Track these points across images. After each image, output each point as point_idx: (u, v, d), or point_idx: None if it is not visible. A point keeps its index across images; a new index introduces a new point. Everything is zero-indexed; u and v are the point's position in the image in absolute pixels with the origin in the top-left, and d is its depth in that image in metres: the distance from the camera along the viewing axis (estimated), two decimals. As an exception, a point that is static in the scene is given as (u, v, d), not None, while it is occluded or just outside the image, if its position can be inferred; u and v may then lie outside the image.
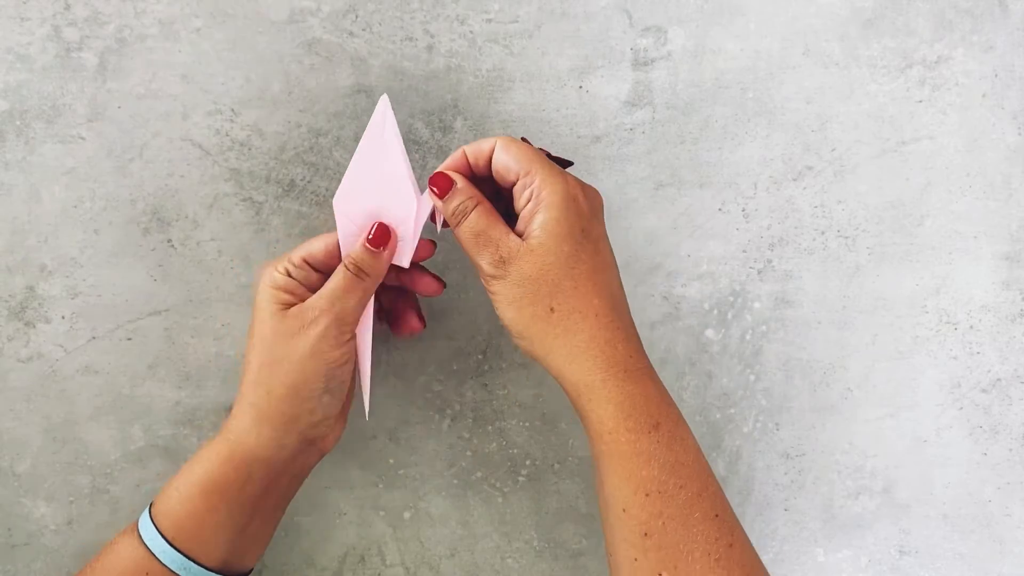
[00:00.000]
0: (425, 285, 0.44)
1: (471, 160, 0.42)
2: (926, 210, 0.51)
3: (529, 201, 0.40)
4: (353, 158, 0.43)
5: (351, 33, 0.48)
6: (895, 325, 0.51)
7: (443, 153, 0.49)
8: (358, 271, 0.41)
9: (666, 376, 0.51)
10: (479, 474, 0.51)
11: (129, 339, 0.48)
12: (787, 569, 0.52)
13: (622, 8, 0.49)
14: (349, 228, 0.42)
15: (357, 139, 0.48)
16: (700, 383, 0.51)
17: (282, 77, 0.48)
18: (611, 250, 0.42)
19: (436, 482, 0.50)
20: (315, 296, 0.41)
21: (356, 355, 0.43)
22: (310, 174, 0.48)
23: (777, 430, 0.51)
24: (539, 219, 0.39)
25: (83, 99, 0.47)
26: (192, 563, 0.40)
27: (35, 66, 0.47)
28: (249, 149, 0.48)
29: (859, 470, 0.52)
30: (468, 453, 0.50)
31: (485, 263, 0.40)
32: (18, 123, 0.47)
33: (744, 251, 0.50)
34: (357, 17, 0.48)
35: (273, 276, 0.41)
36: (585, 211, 0.40)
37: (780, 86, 0.50)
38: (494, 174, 0.42)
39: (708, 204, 0.50)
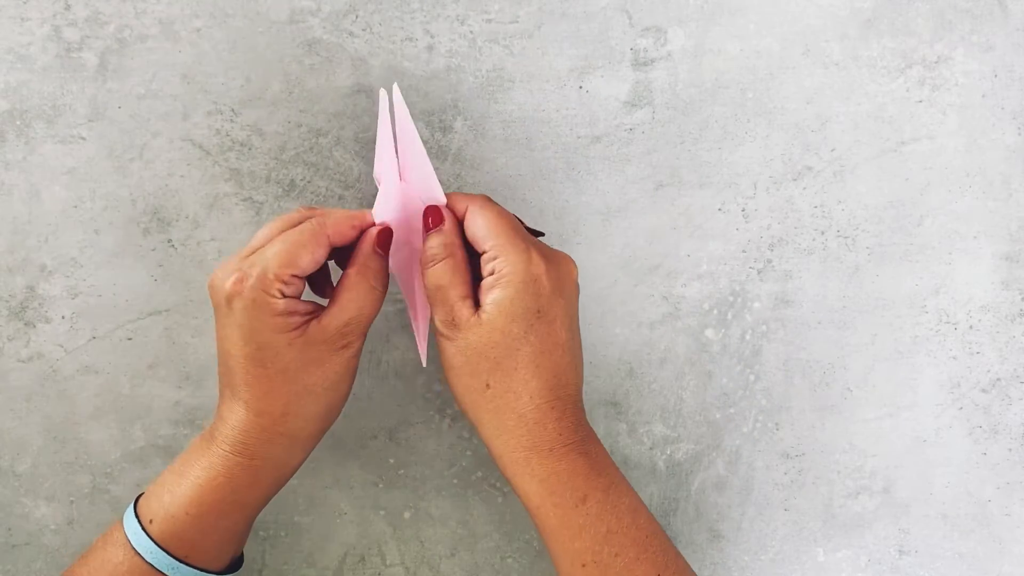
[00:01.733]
0: None
1: (454, 209, 0.41)
2: (926, 210, 0.51)
3: (491, 274, 0.39)
4: (396, 136, 0.42)
5: (351, 33, 0.48)
6: (895, 325, 0.51)
7: (443, 153, 0.49)
8: (380, 284, 0.40)
9: (666, 376, 0.51)
10: (479, 474, 0.51)
11: (129, 339, 0.48)
12: (787, 569, 0.52)
13: (622, 8, 0.49)
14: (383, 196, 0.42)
15: (357, 139, 0.48)
16: (700, 383, 0.51)
17: (282, 77, 0.48)
18: (569, 324, 0.40)
19: (436, 482, 0.50)
20: (336, 318, 0.39)
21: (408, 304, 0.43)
22: (310, 174, 0.48)
23: (777, 430, 0.51)
24: (494, 295, 0.39)
25: (83, 99, 0.47)
26: (204, 573, 0.40)
27: (35, 66, 0.47)
28: (249, 149, 0.48)
29: (859, 470, 0.52)
30: (468, 453, 0.50)
31: (438, 320, 0.40)
32: (18, 123, 0.47)
33: (744, 251, 0.50)
34: (357, 17, 0.48)
35: (270, 303, 0.38)
36: (545, 291, 0.39)
37: (780, 86, 0.50)
38: (468, 240, 0.41)
39: (708, 204, 0.50)
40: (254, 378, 0.38)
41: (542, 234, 0.44)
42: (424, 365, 0.46)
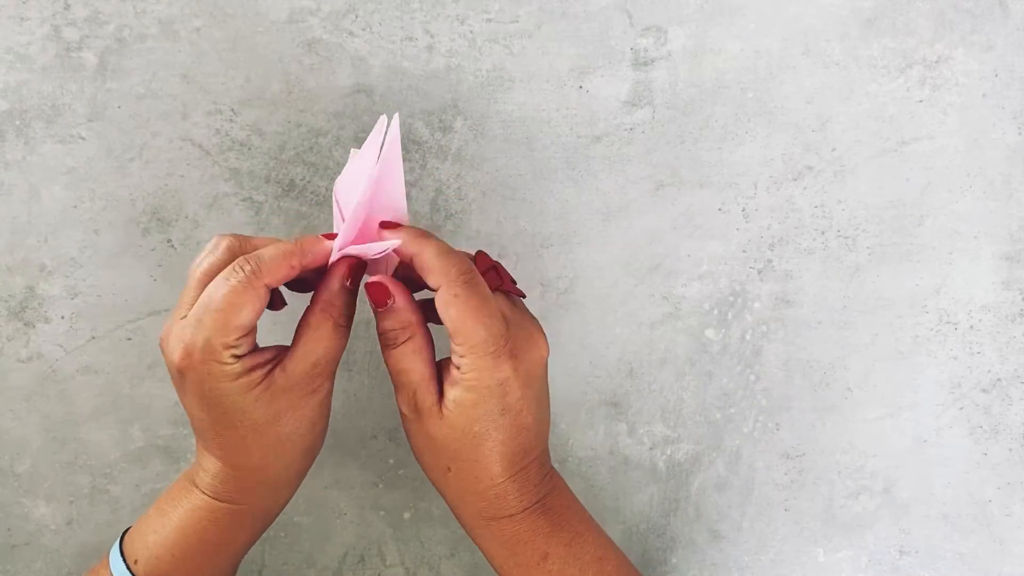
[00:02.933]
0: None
1: (416, 276, 0.38)
2: (926, 210, 0.51)
3: (458, 368, 0.37)
4: (360, 154, 0.38)
5: (351, 33, 0.48)
6: (895, 325, 0.51)
7: (443, 153, 0.49)
8: (345, 321, 0.38)
9: (666, 376, 0.51)
10: (479, 474, 0.51)
11: (129, 339, 0.48)
12: (787, 569, 0.52)
13: (622, 8, 0.49)
14: (337, 213, 0.39)
15: (357, 139, 0.48)
16: (700, 383, 0.51)
17: (282, 77, 0.48)
18: (536, 405, 0.39)
19: (436, 482, 0.50)
20: (303, 361, 0.36)
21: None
22: (310, 174, 0.48)
23: (777, 430, 0.51)
24: (455, 394, 0.37)
25: (83, 99, 0.47)
26: None
27: (35, 66, 0.47)
28: (249, 149, 0.48)
29: (859, 470, 0.52)
30: (468, 453, 0.50)
31: (401, 401, 0.39)
32: (18, 123, 0.47)
33: (744, 251, 0.50)
34: (357, 17, 0.48)
35: (225, 370, 0.35)
36: (513, 391, 0.37)
37: (780, 86, 0.50)
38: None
39: (708, 204, 0.50)
40: (225, 439, 0.37)
41: (523, 296, 0.41)
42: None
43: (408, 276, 0.39)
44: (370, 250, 0.37)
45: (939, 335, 0.51)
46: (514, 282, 0.41)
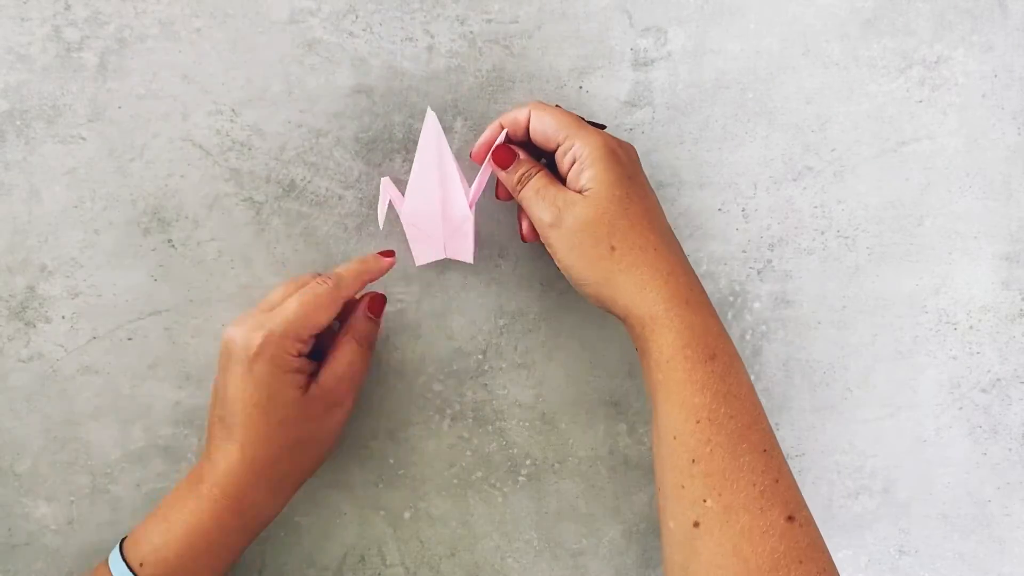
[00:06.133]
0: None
1: (509, 130, 0.44)
2: (926, 210, 0.51)
3: (574, 163, 0.42)
4: (412, 173, 0.45)
5: (351, 33, 0.48)
6: (895, 325, 0.51)
7: (443, 153, 0.49)
8: (368, 344, 0.45)
9: (666, 376, 0.51)
10: (479, 474, 0.51)
11: (129, 339, 0.48)
12: (787, 569, 0.52)
13: (622, 8, 0.49)
14: (417, 235, 0.46)
15: (357, 139, 0.48)
16: (700, 383, 0.51)
17: (282, 77, 0.48)
18: (655, 196, 0.44)
19: (436, 482, 0.50)
20: (331, 375, 0.43)
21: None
22: (310, 174, 0.48)
23: (777, 430, 0.51)
24: (588, 174, 0.41)
25: (83, 99, 0.47)
26: None
27: (35, 66, 0.47)
28: (249, 149, 0.48)
29: (859, 470, 0.52)
30: (468, 453, 0.50)
31: (546, 215, 0.42)
32: (18, 123, 0.47)
33: (744, 251, 0.50)
34: (357, 17, 0.48)
35: (286, 360, 0.41)
36: (626, 161, 0.42)
37: (780, 86, 0.50)
38: (533, 141, 0.44)
39: (708, 204, 0.50)
40: (255, 424, 0.41)
41: (603, 126, 0.46)
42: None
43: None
44: (484, 171, 0.46)
45: (939, 335, 0.51)
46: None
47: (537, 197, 0.43)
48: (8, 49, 0.46)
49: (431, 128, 0.45)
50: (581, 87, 0.49)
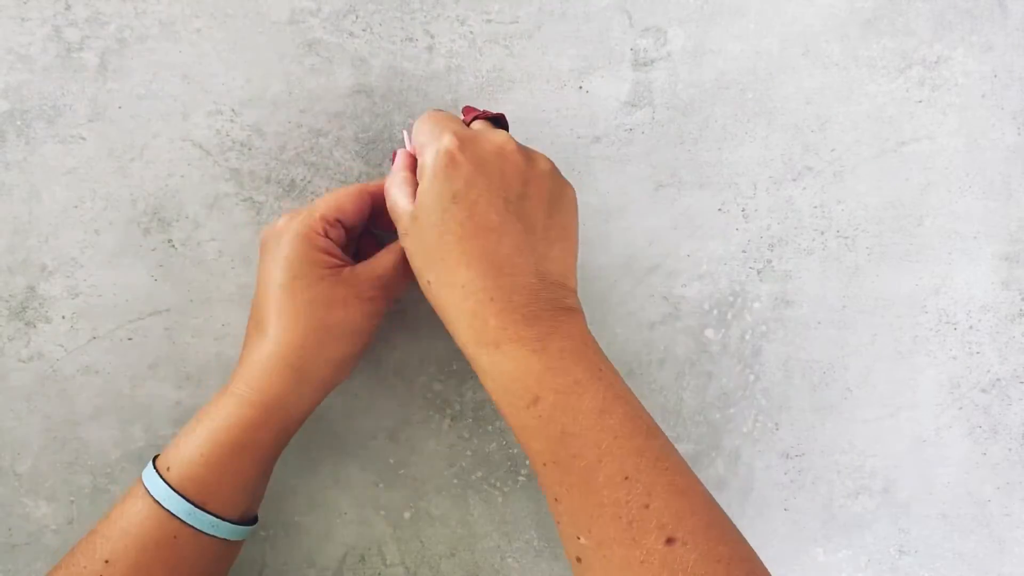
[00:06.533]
0: None
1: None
2: (926, 210, 0.51)
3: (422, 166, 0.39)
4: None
5: (351, 33, 0.48)
6: (895, 325, 0.51)
7: (443, 153, 0.49)
8: None
9: (666, 376, 0.51)
10: (479, 474, 0.51)
11: (130, 339, 0.48)
12: (787, 569, 0.52)
13: (622, 8, 0.49)
14: None
15: (357, 139, 0.48)
16: (700, 383, 0.51)
17: (282, 77, 0.48)
18: (502, 205, 0.37)
19: (436, 482, 0.50)
20: (370, 270, 0.41)
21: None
22: (310, 174, 0.48)
23: (777, 430, 0.51)
24: (420, 186, 0.38)
25: (83, 99, 0.47)
26: (220, 520, 0.40)
27: (35, 66, 0.47)
28: (249, 149, 0.48)
29: (859, 470, 0.52)
30: (468, 453, 0.50)
31: (399, 237, 0.41)
32: (18, 123, 0.47)
33: (744, 251, 0.50)
34: (357, 17, 0.48)
35: (313, 238, 0.41)
36: (463, 171, 0.37)
37: (780, 86, 0.50)
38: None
39: (708, 204, 0.50)
40: (282, 307, 0.40)
41: (500, 116, 0.42)
42: None
43: None
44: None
45: (939, 335, 0.51)
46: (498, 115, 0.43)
47: (390, 210, 0.41)
48: (8, 49, 0.46)
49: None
50: (581, 87, 0.49)
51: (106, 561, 0.38)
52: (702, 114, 0.49)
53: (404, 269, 0.42)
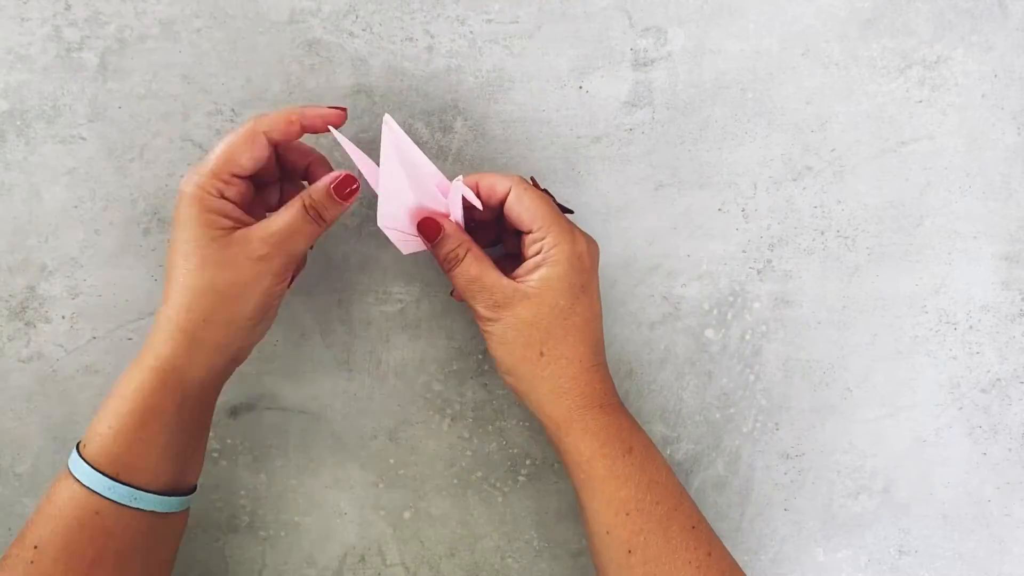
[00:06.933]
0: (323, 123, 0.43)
1: (483, 195, 0.43)
2: (925, 210, 0.51)
3: (538, 253, 0.42)
4: (380, 179, 0.42)
5: (351, 33, 0.48)
6: (895, 325, 0.51)
7: (443, 153, 0.49)
8: (317, 216, 0.41)
9: (666, 376, 0.51)
10: (479, 474, 0.51)
11: (130, 339, 0.48)
12: (787, 569, 0.52)
13: (622, 8, 0.49)
14: (399, 237, 0.44)
15: (357, 139, 0.48)
16: (700, 383, 0.51)
17: (282, 77, 0.48)
18: (600, 299, 0.44)
19: (436, 482, 0.50)
20: (263, 228, 0.40)
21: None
22: (310, 174, 0.48)
23: (777, 430, 0.51)
24: (542, 272, 0.42)
25: (83, 99, 0.47)
26: (140, 491, 0.39)
27: (36, 66, 0.47)
28: (249, 149, 0.48)
29: (859, 470, 0.52)
30: (468, 453, 0.50)
31: (481, 307, 0.43)
32: (19, 123, 0.47)
33: (744, 251, 0.50)
34: (357, 17, 0.48)
35: (205, 199, 0.40)
36: (587, 267, 0.43)
37: (780, 86, 0.50)
38: (506, 218, 0.43)
39: (708, 204, 0.50)
40: (177, 272, 0.40)
41: (571, 211, 0.46)
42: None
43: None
44: (453, 201, 0.43)
45: (938, 335, 0.52)
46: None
47: (472, 287, 0.42)
48: (8, 49, 0.46)
49: (388, 135, 0.41)
50: (581, 87, 0.49)
51: (35, 547, 0.38)
52: (702, 114, 0.49)
53: (299, 226, 0.41)
